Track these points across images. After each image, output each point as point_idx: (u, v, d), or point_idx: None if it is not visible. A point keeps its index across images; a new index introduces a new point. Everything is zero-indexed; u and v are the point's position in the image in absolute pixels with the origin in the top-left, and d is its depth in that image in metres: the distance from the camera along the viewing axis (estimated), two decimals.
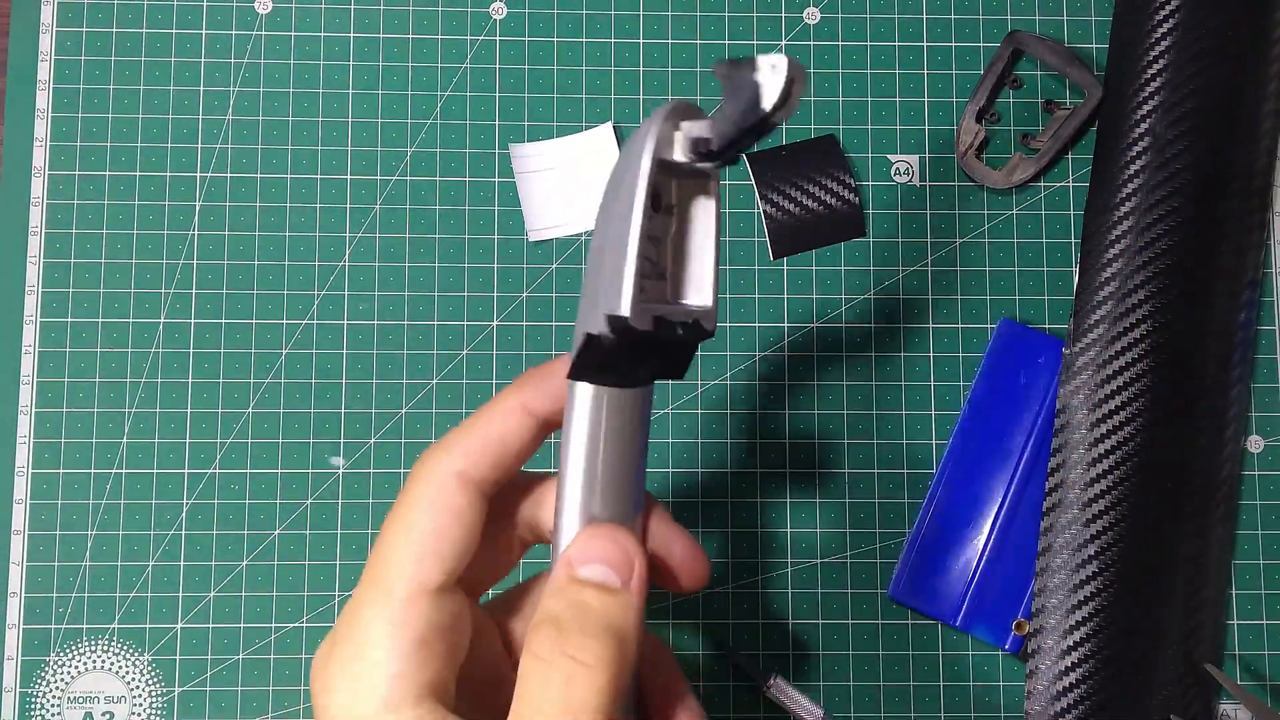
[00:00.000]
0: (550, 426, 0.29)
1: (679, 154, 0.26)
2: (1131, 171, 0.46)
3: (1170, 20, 0.47)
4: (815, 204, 0.47)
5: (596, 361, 0.26)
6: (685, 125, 0.26)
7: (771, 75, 0.23)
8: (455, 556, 0.27)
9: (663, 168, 0.26)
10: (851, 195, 0.47)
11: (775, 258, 0.47)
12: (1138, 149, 0.46)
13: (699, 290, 0.28)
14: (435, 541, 0.26)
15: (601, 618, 0.25)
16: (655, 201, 0.27)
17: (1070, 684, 0.43)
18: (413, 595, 0.26)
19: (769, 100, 0.24)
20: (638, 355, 0.27)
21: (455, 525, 0.27)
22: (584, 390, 0.27)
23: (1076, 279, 0.47)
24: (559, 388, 0.28)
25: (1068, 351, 0.45)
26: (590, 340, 0.26)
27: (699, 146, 0.26)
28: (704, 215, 0.28)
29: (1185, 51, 0.46)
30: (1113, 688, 0.43)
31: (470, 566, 0.28)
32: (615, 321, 0.25)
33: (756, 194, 0.47)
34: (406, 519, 0.27)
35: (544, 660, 0.24)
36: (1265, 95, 0.47)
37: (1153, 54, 0.47)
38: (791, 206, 0.47)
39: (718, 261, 0.28)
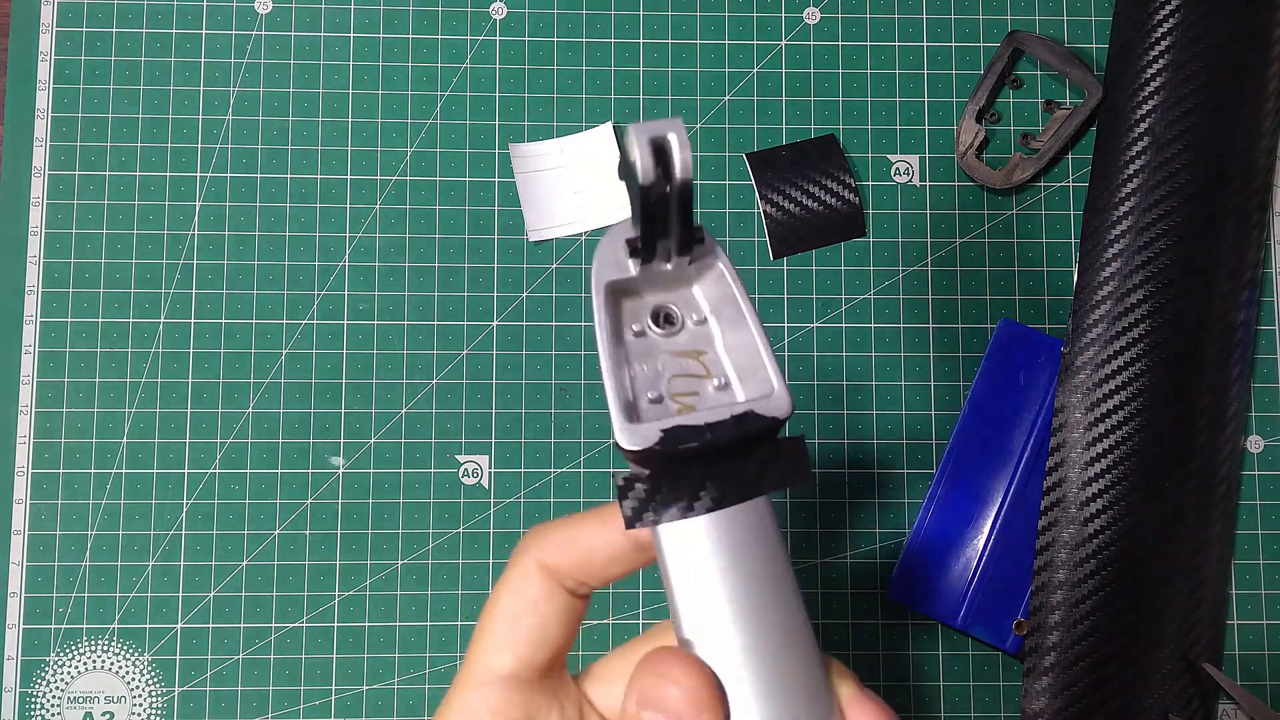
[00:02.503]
0: (649, 554, 0.27)
1: (632, 269, 0.25)
2: (1131, 171, 0.46)
3: (1170, 20, 0.47)
4: (815, 204, 0.47)
5: (641, 497, 0.24)
6: (624, 238, 0.25)
7: (634, 149, 0.22)
8: (530, 647, 0.26)
9: (639, 288, 0.25)
10: (851, 195, 0.47)
11: (775, 258, 0.47)
12: (1138, 148, 0.46)
13: (755, 380, 0.25)
14: (507, 629, 0.26)
15: None
16: (669, 319, 0.26)
17: (1067, 683, 0.43)
18: (484, 680, 0.26)
19: (643, 175, 0.22)
20: (690, 477, 0.24)
21: (530, 613, 0.26)
22: (663, 530, 0.24)
23: (1076, 279, 0.47)
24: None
25: (1067, 351, 0.45)
26: (620, 479, 0.24)
27: (631, 248, 0.24)
28: (730, 304, 0.26)
29: (1185, 51, 0.46)
30: (1110, 687, 0.43)
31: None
32: (625, 453, 0.24)
33: (756, 194, 0.47)
34: (493, 601, 0.27)
35: None
36: (1265, 95, 0.47)
37: (1153, 54, 0.47)
38: (791, 206, 0.47)
39: (765, 341, 0.25)
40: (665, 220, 0.23)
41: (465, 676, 0.26)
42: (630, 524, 0.24)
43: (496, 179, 0.47)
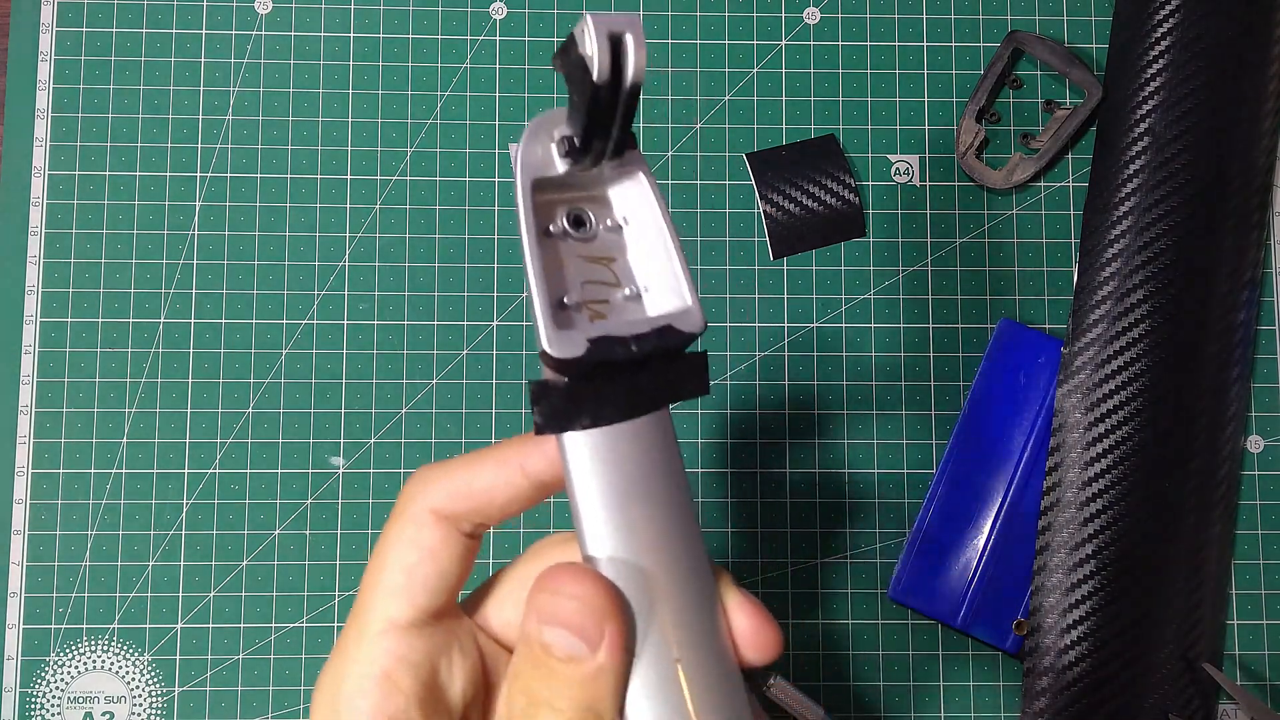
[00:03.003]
0: (546, 490, 0.27)
1: (559, 166, 0.24)
2: (1131, 171, 0.46)
3: (1170, 20, 0.47)
4: (815, 204, 0.47)
5: (556, 406, 0.23)
6: (555, 133, 0.24)
7: (585, 40, 0.21)
8: (427, 591, 0.26)
9: (560, 186, 0.24)
10: (851, 195, 0.47)
11: (775, 257, 0.47)
12: (1138, 148, 0.46)
13: (669, 292, 0.25)
14: (403, 577, 0.26)
15: (571, 689, 0.23)
16: (580, 221, 0.25)
17: (1067, 683, 0.43)
18: (384, 630, 0.26)
19: (597, 71, 0.21)
20: (607, 387, 0.24)
21: (428, 564, 0.26)
22: (569, 440, 0.24)
23: (1076, 278, 0.46)
24: (551, 453, 0.26)
25: (1066, 351, 0.45)
26: (534, 386, 0.24)
27: (565, 147, 0.24)
28: (647, 217, 0.25)
29: (1185, 51, 0.46)
30: (1110, 687, 0.43)
31: (485, 607, 0.28)
32: (545, 358, 0.23)
33: (756, 194, 0.47)
34: (382, 552, 0.26)
35: None
36: (1265, 96, 0.47)
37: (1153, 53, 0.47)
38: (791, 206, 0.47)
39: (681, 256, 0.25)
40: (609, 122, 0.23)
41: (360, 626, 0.26)
42: (541, 430, 0.24)
43: (496, 179, 0.47)
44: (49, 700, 0.44)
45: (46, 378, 0.46)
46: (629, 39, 0.21)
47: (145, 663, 0.45)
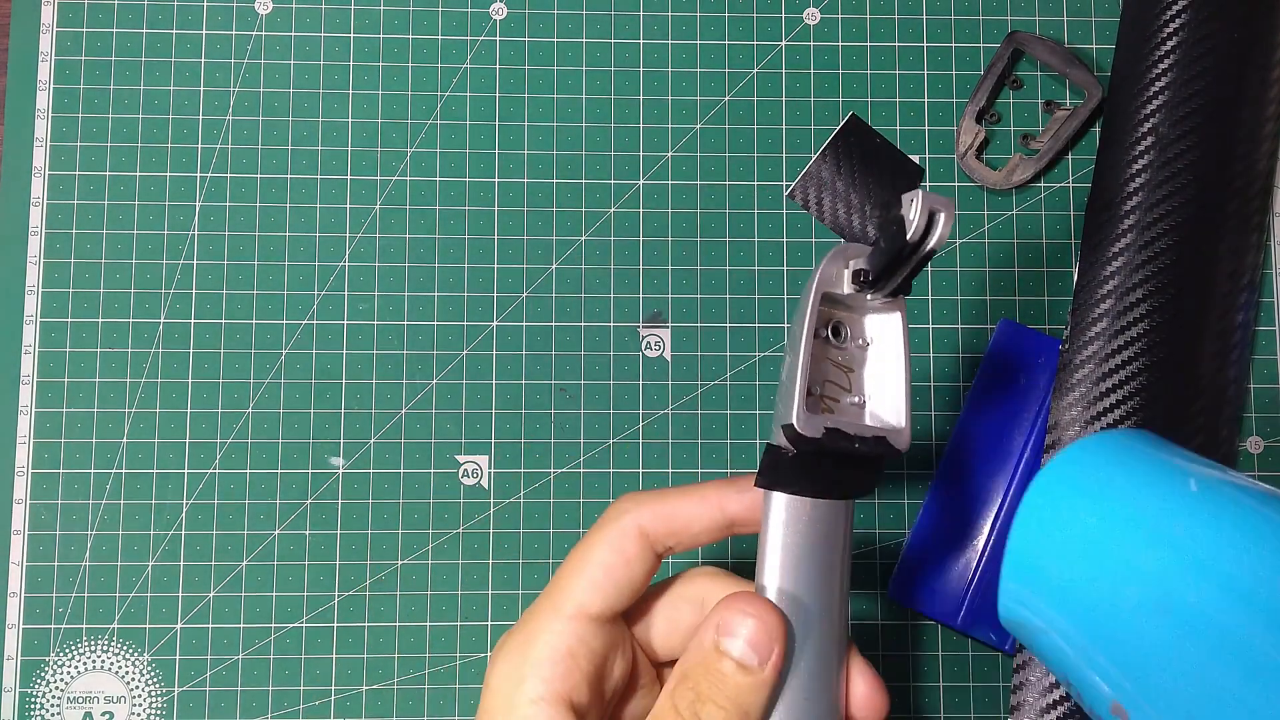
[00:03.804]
0: (731, 531, 0.32)
1: (845, 287, 0.30)
2: (1136, 169, 0.46)
3: (1178, 19, 0.47)
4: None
5: (780, 470, 0.30)
6: (851, 263, 0.30)
7: (910, 208, 0.27)
8: (617, 593, 0.31)
9: (836, 301, 0.30)
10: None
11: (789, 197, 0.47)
12: (1142, 146, 0.46)
13: (890, 411, 0.31)
14: (603, 576, 0.31)
15: (735, 694, 0.28)
16: (836, 331, 0.31)
17: (1060, 697, 0.43)
18: (575, 614, 0.31)
19: (911, 230, 0.27)
20: (821, 468, 0.30)
21: (622, 567, 0.31)
22: (774, 499, 0.30)
23: (1076, 277, 0.46)
24: (750, 498, 0.32)
25: (1065, 349, 0.45)
26: (770, 449, 0.30)
27: (859, 277, 0.30)
28: (891, 345, 0.31)
29: (1192, 50, 0.46)
30: None
31: (644, 621, 0.33)
32: (787, 430, 0.29)
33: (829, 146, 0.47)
34: (587, 551, 0.32)
35: (679, 716, 0.28)
36: (1268, 98, 0.47)
37: (1159, 53, 0.47)
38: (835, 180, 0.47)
39: (909, 387, 0.31)
40: (901, 271, 0.28)
41: (555, 605, 0.31)
42: (760, 484, 0.30)
43: (496, 179, 0.47)
44: (49, 700, 0.44)
45: (46, 378, 0.46)
46: (941, 217, 0.27)
47: (145, 663, 0.45)
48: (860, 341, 0.31)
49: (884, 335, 0.31)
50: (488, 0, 0.48)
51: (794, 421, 0.29)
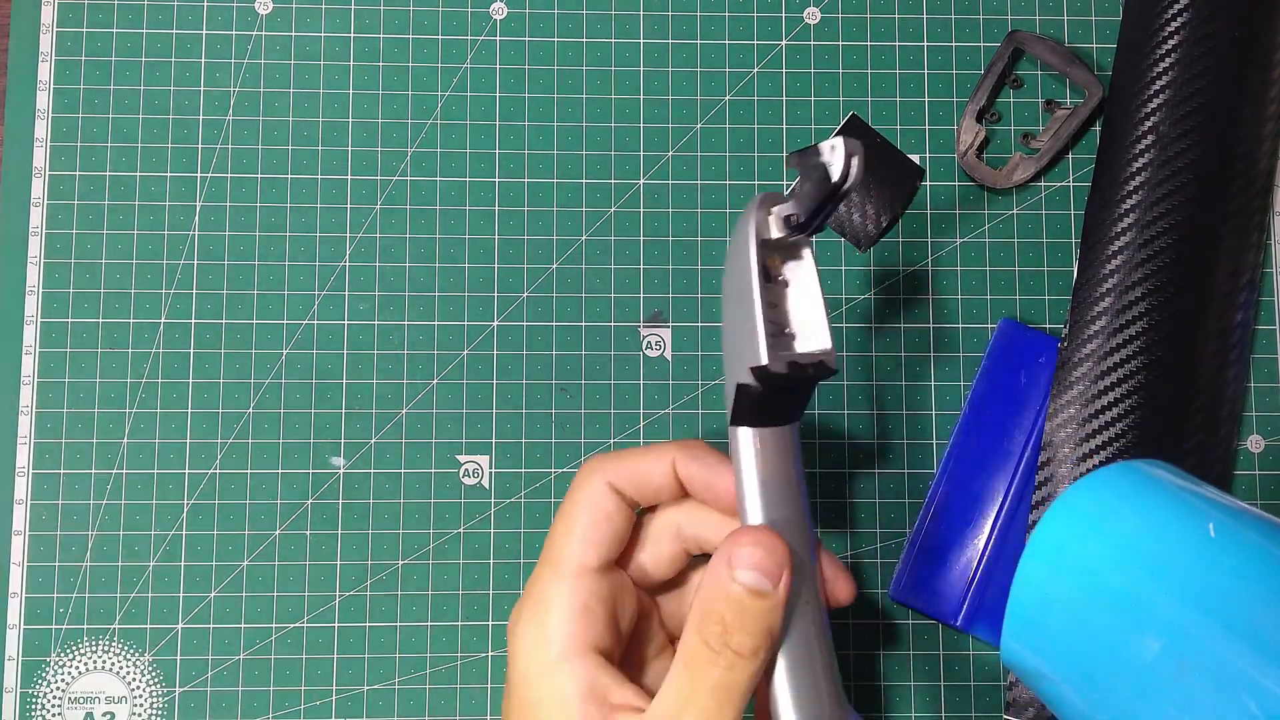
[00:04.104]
0: (680, 490, 0.36)
1: (775, 231, 0.33)
2: (1136, 168, 0.46)
3: (1180, 18, 0.47)
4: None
5: (749, 408, 0.32)
6: (775, 208, 0.33)
7: (833, 155, 0.30)
8: (607, 544, 0.34)
9: (764, 245, 0.33)
10: (873, 224, 0.47)
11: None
12: (1143, 145, 0.46)
13: (816, 336, 0.33)
14: (592, 532, 0.34)
15: (757, 618, 0.31)
16: (766, 274, 0.33)
17: None
18: (577, 571, 0.34)
19: (835, 174, 0.30)
20: (779, 398, 0.33)
21: (606, 522, 0.34)
22: (744, 434, 0.33)
23: (1075, 276, 0.47)
24: (703, 466, 0.35)
25: (1064, 347, 0.45)
26: (741, 389, 0.32)
27: (790, 221, 0.32)
28: (806, 277, 0.34)
29: (1193, 50, 0.46)
30: None
31: (631, 561, 0.36)
32: (758, 371, 0.31)
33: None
34: (570, 514, 0.35)
35: (712, 649, 0.31)
36: (1269, 97, 0.47)
37: (1160, 50, 0.47)
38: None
39: (826, 310, 0.33)
40: (829, 209, 0.31)
41: (554, 568, 0.34)
42: (735, 423, 0.33)
43: (497, 179, 0.47)
44: (49, 701, 0.44)
45: (47, 378, 0.46)
46: (856, 159, 0.30)
47: (146, 663, 0.45)
48: (780, 278, 0.34)
49: (799, 269, 0.34)
50: (488, 0, 0.48)
51: (765, 361, 0.31)
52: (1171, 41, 0.47)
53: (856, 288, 0.47)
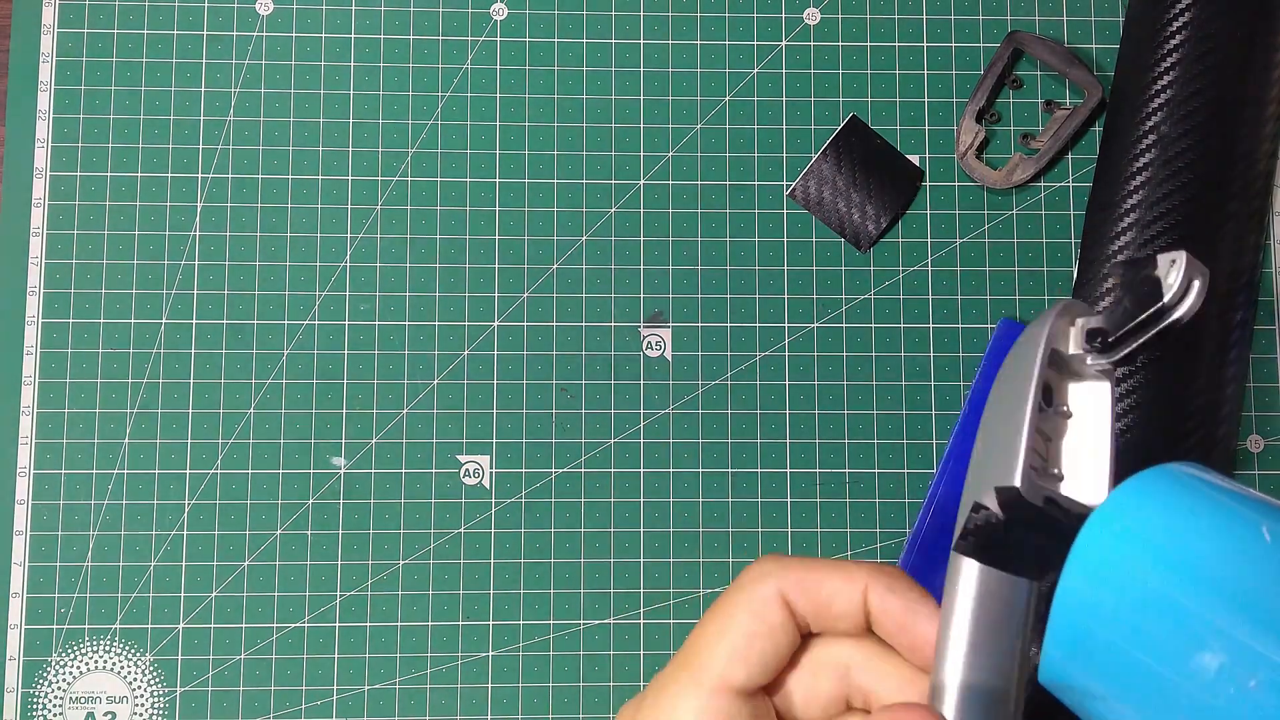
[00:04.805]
0: (866, 625, 0.29)
1: (1073, 347, 0.27)
2: (1138, 167, 0.46)
3: (1183, 17, 0.47)
4: (844, 199, 0.47)
5: (981, 536, 0.27)
6: (1080, 319, 0.28)
7: (1172, 271, 0.26)
8: (762, 665, 0.28)
9: (1056, 361, 0.28)
10: (873, 224, 0.47)
11: (788, 195, 0.47)
12: (1144, 144, 0.46)
13: (1089, 490, 0.28)
14: (747, 645, 0.28)
15: None
16: (1047, 396, 0.28)
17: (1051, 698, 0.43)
18: (718, 689, 0.28)
19: (1169, 294, 0.25)
20: (1020, 539, 0.27)
21: (767, 637, 0.28)
22: (967, 566, 0.27)
23: (1075, 275, 0.47)
24: (903, 602, 0.29)
25: None
26: (977, 509, 0.27)
27: (1094, 338, 0.27)
28: (1096, 415, 0.28)
29: (1195, 49, 0.46)
30: None
31: (781, 688, 0.29)
32: (1004, 494, 0.26)
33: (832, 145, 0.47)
34: (727, 617, 0.29)
35: None
36: (1269, 98, 0.47)
37: (1163, 50, 0.47)
38: (836, 179, 0.47)
39: (1114, 464, 0.28)
40: (1140, 336, 0.27)
41: (695, 676, 0.28)
42: (962, 549, 0.27)
43: (497, 179, 0.48)
44: (51, 701, 0.44)
45: (48, 379, 0.46)
46: (1197, 284, 0.26)
47: (147, 663, 0.45)
48: (1064, 409, 0.29)
49: (1089, 405, 0.28)
50: (488, 1, 0.48)
51: (1018, 484, 0.26)
52: (1174, 41, 0.47)
53: (856, 288, 0.47)
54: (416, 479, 0.46)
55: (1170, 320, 0.26)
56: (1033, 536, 0.26)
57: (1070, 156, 0.48)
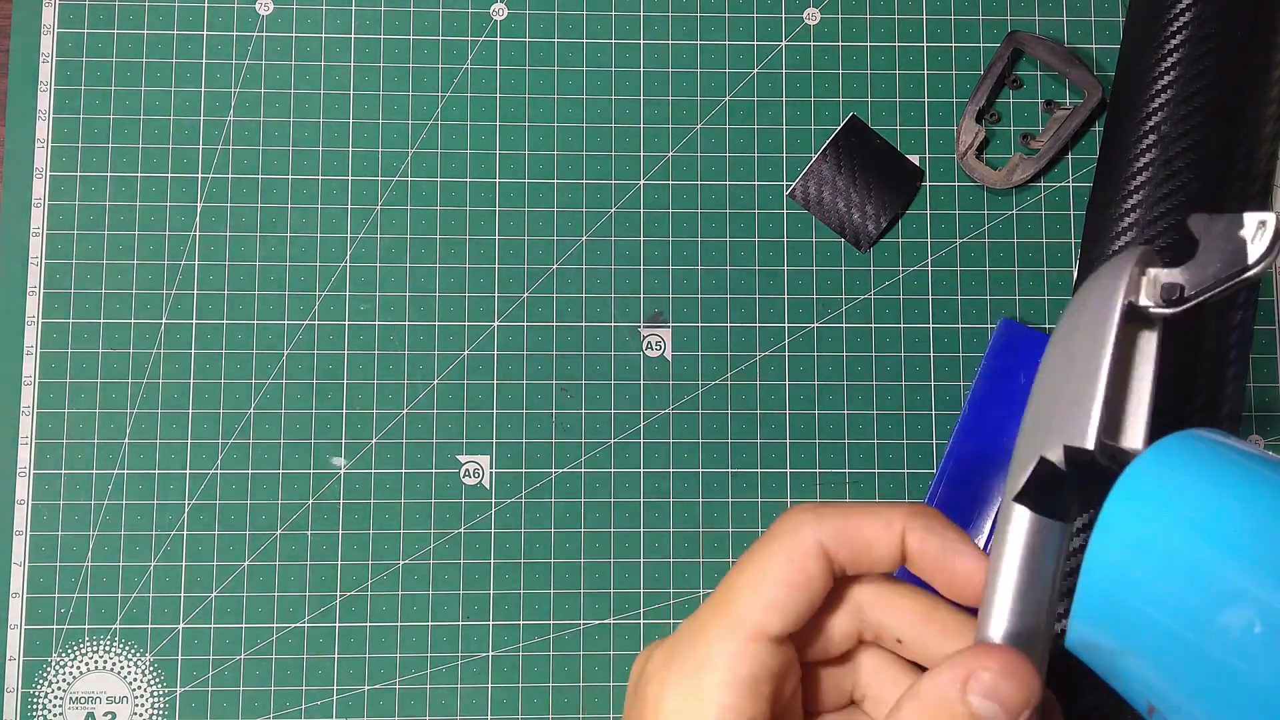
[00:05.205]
0: (900, 564, 0.30)
1: (1145, 298, 0.27)
2: (1138, 167, 0.46)
3: (1185, 15, 0.47)
4: (843, 198, 0.47)
5: (1041, 489, 0.27)
6: (1153, 271, 0.27)
7: (1260, 231, 0.25)
8: (796, 614, 0.28)
9: (1129, 311, 0.27)
10: (877, 221, 0.47)
11: (788, 196, 0.47)
12: (1145, 144, 0.46)
13: (1130, 434, 0.27)
14: (784, 595, 0.28)
15: None
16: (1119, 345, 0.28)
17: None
18: (754, 635, 0.28)
19: (1255, 254, 0.25)
20: (1072, 489, 0.27)
21: (803, 587, 0.28)
22: (1022, 516, 0.27)
23: (1076, 275, 0.47)
24: (942, 542, 0.29)
25: None
26: (1043, 464, 0.27)
27: (1169, 293, 0.27)
28: (1145, 361, 0.28)
29: (1196, 49, 0.47)
30: (1090, 681, 0.43)
31: (806, 633, 0.30)
32: (1075, 453, 0.26)
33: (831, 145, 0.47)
34: (764, 563, 0.29)
35: None
36: (1269, 98, 0.47)
37: (1164, 49, 0.47)
38: (824, 188, 0.47)
39: (1154, 408, 0.27)
40: (1227, 293, 0.26)
41: (731, 624, 0.28)
42: (1024, 501, 0.27)
43: (497, 179, 0.48)
44: (51, 701, 0.44)
45: (48, 379, 0.46)
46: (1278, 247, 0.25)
47: (147, 663, 0.45)
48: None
49: (1140, 351, 0.28)
50: (488, 1, 0.48)
51: (1091, 446, 0.26)
52: (1174, 41, 0.47)
53: (856, 288, 0.47)
54: (416, 479, 0.46)
55: (1245, 279, 0.26)
56: (1078, 485, 0.27)
57: (1070, 156, 0.48)
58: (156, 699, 0.45)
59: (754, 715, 0.27)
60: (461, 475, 0.46)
